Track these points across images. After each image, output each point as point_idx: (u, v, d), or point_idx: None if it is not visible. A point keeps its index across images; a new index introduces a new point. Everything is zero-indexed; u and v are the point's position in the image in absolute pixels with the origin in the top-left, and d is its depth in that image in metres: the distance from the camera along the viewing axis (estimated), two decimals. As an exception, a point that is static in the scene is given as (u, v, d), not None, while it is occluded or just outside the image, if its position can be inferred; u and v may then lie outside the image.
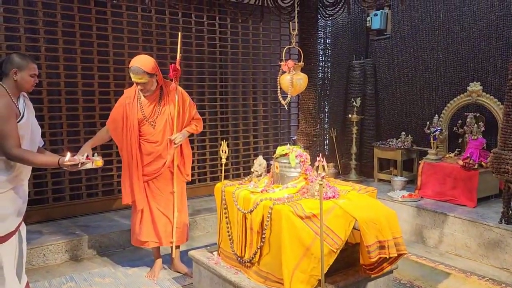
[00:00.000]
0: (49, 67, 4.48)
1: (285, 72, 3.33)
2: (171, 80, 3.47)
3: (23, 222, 2.70)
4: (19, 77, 2.52)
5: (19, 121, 2.49)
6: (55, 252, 3.97)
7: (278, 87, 3.39)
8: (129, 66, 3.34)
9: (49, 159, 2.60)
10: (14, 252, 2.60)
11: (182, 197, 3.66)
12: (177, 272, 3.73)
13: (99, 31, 4.72)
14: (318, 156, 2.43)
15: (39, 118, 4.26)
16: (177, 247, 3.71)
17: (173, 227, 3.57)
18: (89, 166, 2.57)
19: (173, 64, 3.43)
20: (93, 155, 2.63)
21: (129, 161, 3.46)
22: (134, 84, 3.45)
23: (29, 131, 2.58)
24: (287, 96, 3.35)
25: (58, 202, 4.64)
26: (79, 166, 2.53)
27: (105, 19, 4.76)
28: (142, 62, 3.32)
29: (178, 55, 3.49)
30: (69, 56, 4.57)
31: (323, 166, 2.37)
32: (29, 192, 2.81)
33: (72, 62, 4.59)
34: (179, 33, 3.56)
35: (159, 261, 3.73)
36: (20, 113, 2.53)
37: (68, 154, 2.52)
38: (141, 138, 3.47)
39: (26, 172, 2.63)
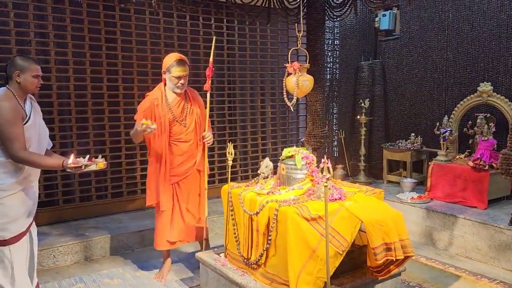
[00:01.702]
0: (58, 70, 4.53)
1: (291, 73, 3.33)
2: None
3: (34, 223, 2.74)
4: (22, 79, 2.56)
5: (25, 123, 2.53)
6: (64, 253, 4.01)
7: (284, 88, 3.39)
8: (170, 62, 3.38)
9: (54, 161, 2.63)
10: (25, 253, 2.64)
11: (205, 194, 3.72)
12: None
13: (108, 34, 4.77)
14: (323, 158, 2.42)
15: (49, 120, 4.32)
16: (206, 239, 3.68)
17: (205, 220, 3.61)
18: (93, 168, 2.59)
19: (210, 66, 3.51)
20: (96, 157, 2.65)
21: (157, 162, 3.48)
22: (158, 87, 3.51)
23: (36, 133, 2.61)
24: (293, 98, 3.35)
25: (68, 203, 4.69)
26: (82, 168, 2.56)
27: (113, 23, 4.81)
28: (182, 56, 3.44)
29: (211, 58, 3.55)
30: (79, 59, 4.63)
31: (328, 167, 2.36)
32: (39, 194, 2.85)
33: (81, 65, 4.65)
34: (213, 37, 3.66)
35: (168, 263, 3.75)
36: (26, 115, 2.56)
37: (72, 156, 2.55)
38: (173, 138, 3.49)
39: (35, 174, 2.67)
